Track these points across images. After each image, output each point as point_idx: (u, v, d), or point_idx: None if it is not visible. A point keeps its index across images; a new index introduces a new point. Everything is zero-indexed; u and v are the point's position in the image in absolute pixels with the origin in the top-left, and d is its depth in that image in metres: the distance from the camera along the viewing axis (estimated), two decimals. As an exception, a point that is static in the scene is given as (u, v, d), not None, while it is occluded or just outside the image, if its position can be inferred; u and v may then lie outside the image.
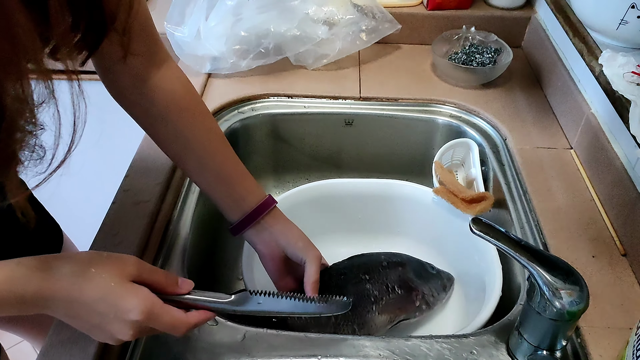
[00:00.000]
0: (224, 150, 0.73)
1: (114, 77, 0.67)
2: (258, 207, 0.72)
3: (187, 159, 0.71)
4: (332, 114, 1.06)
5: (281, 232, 0.73)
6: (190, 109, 0.71)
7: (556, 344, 0.59)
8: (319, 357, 0.64)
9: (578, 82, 0.94)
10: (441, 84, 1.10)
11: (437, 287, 0.80)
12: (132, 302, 0.51)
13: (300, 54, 1.08)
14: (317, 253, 0.73)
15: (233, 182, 0.73)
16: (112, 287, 0.51)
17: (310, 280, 0.70)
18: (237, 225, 0.73)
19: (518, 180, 0.89)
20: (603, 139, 0.83)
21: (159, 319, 0.53)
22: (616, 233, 0.77)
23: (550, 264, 0.55)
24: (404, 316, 0.77)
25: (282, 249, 0.73)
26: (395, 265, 0.79)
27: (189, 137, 0.70)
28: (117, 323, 0.51)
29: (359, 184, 0.94)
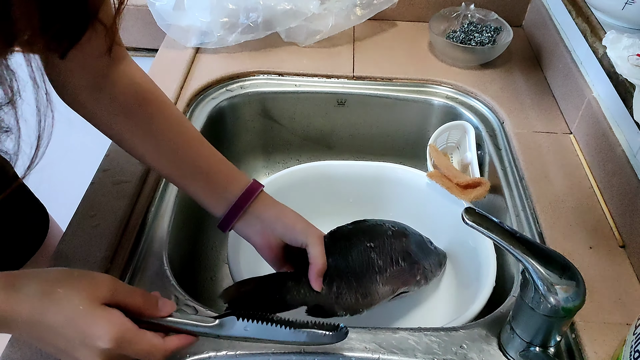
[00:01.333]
0: (196, 140, 0.67)
1: (68, 78, 0.60)
2: (243, 194, 0.66)
3: (158, 155, 0.65)
4: (324, 93, 1.02)
5: (275, 218, 0.66)
6: (154, 102, 0.65)
7: (550, 340, 0.56)
8: (303, 349, 0.61)
9: (580, 64, 0.90)
10: (438, 64, 1.06)
11: (435, 262, 0.78)
12: (101, 329, 0.46)
13: (292, 29, 1.03)
14: (319, 233, 0.67)
15: (211, 173, 0.66)
16: (80, 310, 0.46)
17: (316, 266, 0.64)
18: (225, 219, 0.66)
19: (515, 165, 0.86)
20: (604, 124, 0.79)
21: (132, 347, 0.47)
22: (615, 223, 0.74)
23: (546, 258, 0.52)
24: (405, 289, 0.74)
25: (278, 237, 0.66)
26: (399, 236, 0.76)
27: (156, 132, 0.64)
28: (84, 350, 0.46)
29: (351, 166, 0.91)
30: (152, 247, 0.72)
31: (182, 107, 0.93)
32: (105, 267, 0.68)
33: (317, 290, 0.64)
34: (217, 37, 1.00)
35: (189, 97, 0.95)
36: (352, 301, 0.68)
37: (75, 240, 0.70)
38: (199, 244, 0.91)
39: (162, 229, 0.75)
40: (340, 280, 0.68)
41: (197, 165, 0.66)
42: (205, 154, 0.67)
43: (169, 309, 0.51)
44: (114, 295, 0.48)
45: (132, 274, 0.69)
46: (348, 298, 0.68)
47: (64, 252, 0.68)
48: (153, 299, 0.51)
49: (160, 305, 0.51)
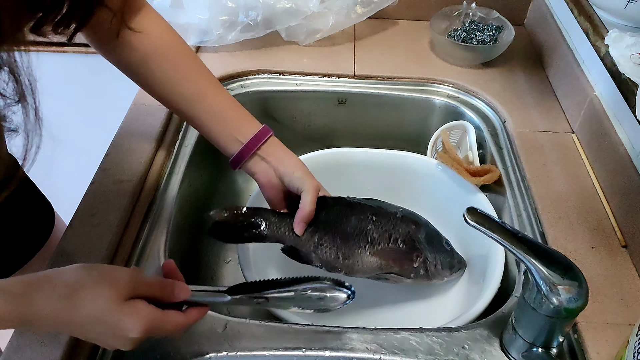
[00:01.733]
0: (213, 87, 0.72)
1: (91, 27, 0.64)
2: (254, 137, 0.71)
3: (176, 101, 0.71)
4: (324, 92, 1.02)
5: (279, 161, 0.72)
6: (173, 51, 0.70)
7: (552, 341, 0.56)
8: (303, 349, 0.61)
9: (582, 62, 0.90)
10: (439, 63, 1.06)
11: (444, 262, 0.76)
12: (130, 323, 0.48)
13: (292, 28, 1.03)
14: (315, 183, 0.71)
15: (226, 118, 0.72)
16: (106, 310, 0.48)
17: (302, 211, 0.69)
18: (235, 158, 0.72)
19: (516, 164, 0.85)
20: (607, 123, 0.79)
21: (160, 330, 0.51)
22: (617, 223, 0.73)
23: (548, 258, 0.52)
24: (397, 270, 0.73)
25: (280, 178, 0.72)
26: (408, 222, 0.75)
27: (174, 79, 0.70)
28: (116, 340, 0.50)
29: (361, 153, 0.92)
30: (152, 247, 0.72)
31: (182, 106, 0.93)
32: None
33: (298, 234, 0.70)
34: (216, 36, 1.00)
35: (189, 96, 0.95)
36: (331, 257, 0.71)
37: (76, 240, 0.70)
38: (200, 243, 0.91)
39: (163, 228, 0.75)
40: (325, 234, 0.71)
41: (212, 111, 0.72)
42: (220, 100, 0.72)
43: (184, 295, 0.54)
44: (135, 290, 0.50)
45: (132, 273, 0.68)
46: (327, 252, 0.71)
47: (65, 252, 0.68)
48: (169, 288, 0.53)
49: (176, 293, 0.53)
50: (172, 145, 0.87)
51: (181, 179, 0.82)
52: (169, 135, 0.87)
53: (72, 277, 0.49)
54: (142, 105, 0.90)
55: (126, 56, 0.68)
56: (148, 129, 0.86)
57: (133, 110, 0.89)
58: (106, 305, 0.48)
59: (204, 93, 0.71)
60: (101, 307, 0.47)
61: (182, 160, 0.85)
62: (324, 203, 0.73)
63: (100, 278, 0.49)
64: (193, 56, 0.73)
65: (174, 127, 0.89)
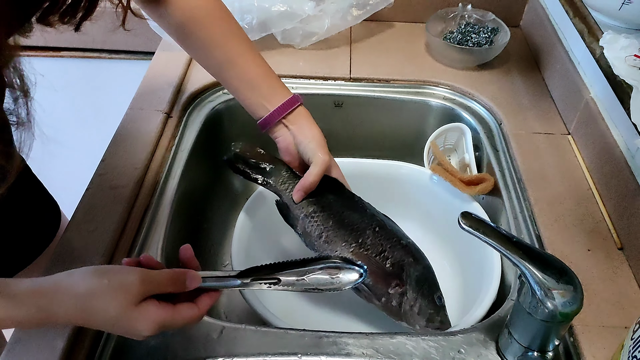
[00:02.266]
0: (245, 54, 0.75)
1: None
2: (280, 106, 0.75)
3: (210, 65, 0.77)
4: (321, 95, 1.02)
5: (299, 129, 0.75)
6: (209, 16, 0.74)
7: (548, 345, 0.56)
8: (299, 354, 0.61)
9: (578, 64, 0.90)
10: (435, 65, 1.06)
11: (424, 310, 0.68)
12: (141, 325, 0.51)
13: (288, 32, 1.03)
14: (326, 158, 0.74)
15: (256, 85, 0.75)
16: (118, 316, 0.50)
17: (304, 180, 0.73)
18: (262, 123, 0.76)
19: (512, 166, 0.85)
20: (602, 125, 0.79)
21: (172, 326, 0.53)
22: (613, 225, 0.73)
23: (543, 262, 0.52)
24: (369, 283, 0.69)
25: (296, 146, 0.76)
26: (409, 253, 0.72)
27: (209, 45, 0.74)
28: (132, 336, 0.53)
29: (355, 164, 0.91)
30: (149, 251, 0.72)
31: (178, 111, 0.93)
32: (102, 273, 0.67)
33: (294, 200, 0.74)
34: (213, 40, 1.00)
35: (185, 100, 0.95)
36: (314, 233, 0.73)
37: (72, 245, 0.70)
38: (198, 247, 0.90)
39: (159, 233, 0.75)
40: (322, 211, 0.74)
41: (242, 77, 0.75)
42: (251, 67, 0.76)
43: (195, 283, 0.55)
44: (146, 292, 0.52)
45: (128, 279, 0.68)
46: (313, 227, 0.73)
47: (61, 257, 0.68)
48: (180, 280, 0.54)
49: (187, 282, 0.55)
50: (169, 150, 0.87)
51: (177, 183, 0.82)
52: (165, 140, 0.87)
53: (83, 287, 0.50)
54: (138, 109, 0.90)
55: (166, 20, 0.74)
56: (144, 133, 0.86)
57: (129, 115, 0.89)
58: (118, 313, 0.50)
59: (235, 59, 0.75)
60: (113, 315, 0.50)
61: (179, 164, 0.85)
62: (341, 190, 0.76)
63: (111, 286, 0.50)
64: (229, 21, 0.76)
65: (170, 131, 0.89)
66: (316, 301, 0.84)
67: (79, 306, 0.50)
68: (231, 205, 1.00)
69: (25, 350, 0.59)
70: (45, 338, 0.59)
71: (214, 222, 0.97)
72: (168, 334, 0.62)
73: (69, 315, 0.50)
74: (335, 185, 0.76)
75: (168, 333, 0.62)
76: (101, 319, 0.50)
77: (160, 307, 0.52)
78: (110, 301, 0.50)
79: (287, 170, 0.78)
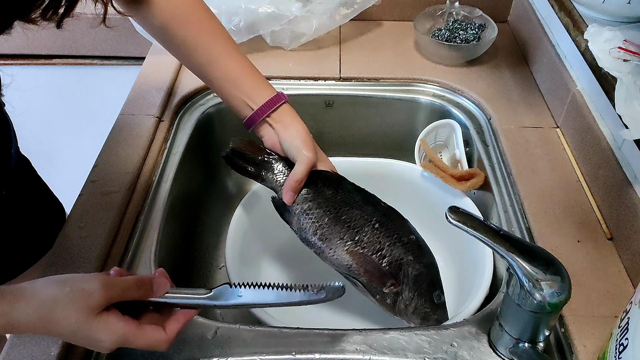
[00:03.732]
0: (228, 53, 0.76)
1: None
2: (264, 105, 0.75)
3: (193, 65, 0.77)
4: (311, 96, 1.02)
5: (283, 129, 0.75)
6: (191, 16, 0.74)
7: (538, 336, 0.57)
8: (294, 352, 0.61)
9: (564, 58, 0.91)
10: (424, 62, 1.06)
11: (419, 309, 0.68)
12: (102, 336, 0.50)
13: (276, 34, 1.04)
14: (310, 155, 0.72)
15: (239, 83, 0.76)
16: (79, 326, 0.49)
17: (292, 178, 0.72)
18: (247, 122, 0.77)
19: (502, 161, 0.86)
20: (589, 118, 0.79)
21: (134, 343, 0.52)
22: (602, 216, 0.74)
23: (530, 254, 0.52)
24: (364, 281, 0.69)
25: (281, 145, 0.76)
26: (409, 252, 0.70)
27: (191, 45, 0.75)
28: (93, 347, 0.52)
29: (346, 162, 0.91)
30: (142, 257, 0.73)
31: (169, 115, 0.93)
32: (96, 278, 0.68)
33: (285, 202, 0.73)
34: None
35: (176, 104, 0.96)
36: (310, 230, 0.72)
37: (64, 252, 0.70)
38: (191, 251, 0.91)
39: (152, 237, 0.75)
40: (317, 207, 0.72)
41: (226, 76, 0.76)
42: (234, 66, 0.76)
43: (163, 288, 0.54)
44: (109, 300, 0.51)
45: (122, 284, 0.69)
46: (308, 224, 0.72)
47: (54, 264, 0.68)
48: (147, 285, 0.54)
49: (155, 288, 0.54)
50: (160, 154, 0.87)
51: (170, 187, 0.83)
52: (157, 144, 0.88)
53: (45, 295, 0.50)
54: (129, 115, 0.91)
55: (149, 22, 0.74)
56: (136, 138, 0.86)
57: (120, 120, 0.90)
58: (78, 320, 0.49)
59: (218, 58, 0.75)
60: (73, 323, 0.49)
61: (171, 168, 0.86)
62: (342, 185, 0.75)
63: (72, 293, 0.50)
64: (211, 21, 0.76)
65: (161, 135, 0.89)
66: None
67: (40, 314, 0.49)
68: (225, 208, 1.01)
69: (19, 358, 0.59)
70: (40, 346, 0.60)
71: (207, 224, 0.97)
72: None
73: (29, 322, 0.49)
74: (335, 180, 0.75)
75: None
76: (61, 328, 0.49)
77: (122, 320, 0.51)
78: (71, 309, 0.49)
79: (285, 165, 0.76)
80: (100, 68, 1.26)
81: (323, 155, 0.77)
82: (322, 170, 0.75)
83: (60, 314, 0.49)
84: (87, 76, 1.28)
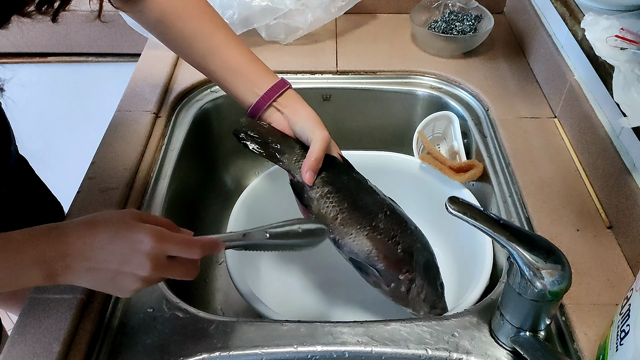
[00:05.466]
0: (228, 43, 0.75)
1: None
2: (269, 90, 0.74)
3: (192, 57, 0.76)
4: (308, 90, 1.02)
5: (293, 111, 0.75)
6: (188, 8, 0.74)
7: (539, 325, 0.57)
8: (295, 345, 0.61)
9: (561, 47, 0.91)
10: (421, 55, 1.06)
11: (429, 297, 0.69)
12: (142, 232, 0.53)
13: (272, 28, 1.03)
14: (325, 134, 0.72)
15: (242, 72, 0.75)
16: (122, 225, 0.53)
17: (310, 157, 0.71)
18: (252, 110, 0.76)
19: (500, 152, 0.86)
20: (587, 107, 0.79)
21: (172, 240, 0.54)
22: (601, 205, 0.74)
23: (530, 243, 0.52)
24: (382, 267, 0.69)
25: (292, 128, 0.75)
26: (416, 240, 0.71)
27: (190, 37, 0.74)
28: (135, 258, 0.53)
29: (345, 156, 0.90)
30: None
31: (166, 111, 0.93)
32: (95, 275, 0.68)
33: (307, 183, 0.71)
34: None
35: (173, 100, 0.95)
36: (330, 214, 0.71)
37: (64, 250, 0.70)
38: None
39: (151, 233, 0.75)
40: (337, 192, 0.72)
41: (228, 66, 0.75)
42: (235, 55, 0.75)
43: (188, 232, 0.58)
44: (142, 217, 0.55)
45: (122, 280, 0.69)
46: (329, 208, 0.71)
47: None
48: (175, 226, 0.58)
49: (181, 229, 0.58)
50: (158, 150, 0.87)
51: (168, 183, 0.82)
52: (154, 140, 0.87)
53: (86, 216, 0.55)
54: (126, 111, 0.90)
55: (145, 15, 0.73)
56: (133, 135, 0.86)
57: (117, 117, 0.89)
58: (119, 221, 0.54)
59: (218, 49, 0.75)
60: (117, 224, 0.53)
61: (169, 164, 0.86)
62: (351, 172, 0.75)
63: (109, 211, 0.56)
64: (209, 12, 0.76)
65: (159, 131, 0.89)
66: (311, 293, 0.84)
67: (86, 222, 0.54)
68: (223, 203, 1.01)
69: (22, 357, 0.59)
70: (41, 343, 0.60)
71: (207, 220, 0.97)
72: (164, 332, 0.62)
73: (77, 226, 0.53)
74: (347, 166, 0.75)
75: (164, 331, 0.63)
76: (106, 228, 0.53)
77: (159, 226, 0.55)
78: (112, 216, 0.54)
79: (301, 147, 0.75)
80: (95, 65, 1.25)
81: (332, 140, 0.77)
82: (333, 157, 0.75)
83: (102, 218, 0.54)
84: (83, 73, 1.27)
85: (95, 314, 0.64)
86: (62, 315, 0.62)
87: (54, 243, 0.52)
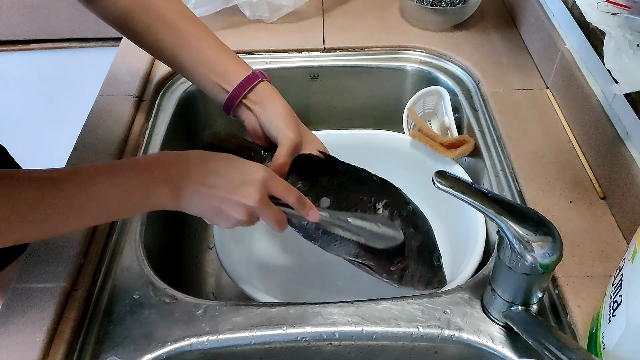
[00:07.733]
0: (196, 34, 0.72)
1: None
2: (239, 85, 0.71)
3: (160, 50, 0.73)
4: (296, 69, 1.00)
5: (262, 110, 0.71)
6: (150, 9, 0.71)
7: (531, 298, 0.55)
8: (285, 327, 0.60)
9: (552, 16, 0.88)
10: (410, 29, 1.04)
11: (424, 277, 0.68)
12: (254, 165, 0.59)
13: (255, 6, 1.01)
14: (292, 135, 0.68)
15: (211, 65, 0.72)
16: (235, 158, 0.59)
17: (273, 164, 0.67)
18: (225, 106, 0.73)
19: (492, 125, 0.84)
20: (579, 76, 0.77)
21: (276, 181, 0.59)
22: (595, 175, 0.73)
23: (520, 215, 0.51)
24: (372, 265, 0.67)
25: (261, 127, 0.72)
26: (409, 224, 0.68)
27: (156, 29, 0.71)
28: (244, 188, 0.56)
29: (334, 135, 0.89)
30: (127, 238, 0.71)
31: (150, 94, 0.91)
32: (79, 263, 0.66)
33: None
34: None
35: (157, 82, 0.93)
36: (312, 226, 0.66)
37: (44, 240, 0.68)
38: (181, 231, 0.90)
39: (137, 219, 0.73)
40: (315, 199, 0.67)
41: (196, 58, 0.72)
42: (205, 47, 0.72)
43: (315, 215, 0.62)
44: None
45: (107, 266, 0.67)
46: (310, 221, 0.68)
47: (35, 250, 0.67)
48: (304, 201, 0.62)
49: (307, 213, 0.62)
50: (142, 135, 0.85)
51: (153, 167, 0.81)
52: (138, 125, 0.85)
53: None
54: (107, 96, 0.88)
55: (109, 10, 0.70)
56: (115, 119, 0.84)
57: (99, 101, 0.88)
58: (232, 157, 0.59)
59: (186, 40, 0.71)
60: (229, 157, 0.59)
61: (154, 149, 0.84)
62: (333, 166, 0.69)
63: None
64: (176, 4, 0.73)
65: (142, 115, 0.87)
66: (303, 275, 0.83)
67: (202, 153, 0.58)
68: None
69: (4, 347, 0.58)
70: (25, 332, 0.59)
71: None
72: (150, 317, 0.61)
73: (196, 153, 0.58)
74: (326, 164, 0.69)
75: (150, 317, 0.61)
76: (219, 160, 0.58)
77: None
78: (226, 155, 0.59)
79: (269, 152, 0.70)
80: (79, 51, 1.23)
81: (310, 134, 0.73)
82: (310, 155, 0.69)
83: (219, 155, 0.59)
84: (66, 59, 1.25)
85: (80, 301, 0.63)
86: (45, 304, 0.61)
87: (177, 164, 0.56)
